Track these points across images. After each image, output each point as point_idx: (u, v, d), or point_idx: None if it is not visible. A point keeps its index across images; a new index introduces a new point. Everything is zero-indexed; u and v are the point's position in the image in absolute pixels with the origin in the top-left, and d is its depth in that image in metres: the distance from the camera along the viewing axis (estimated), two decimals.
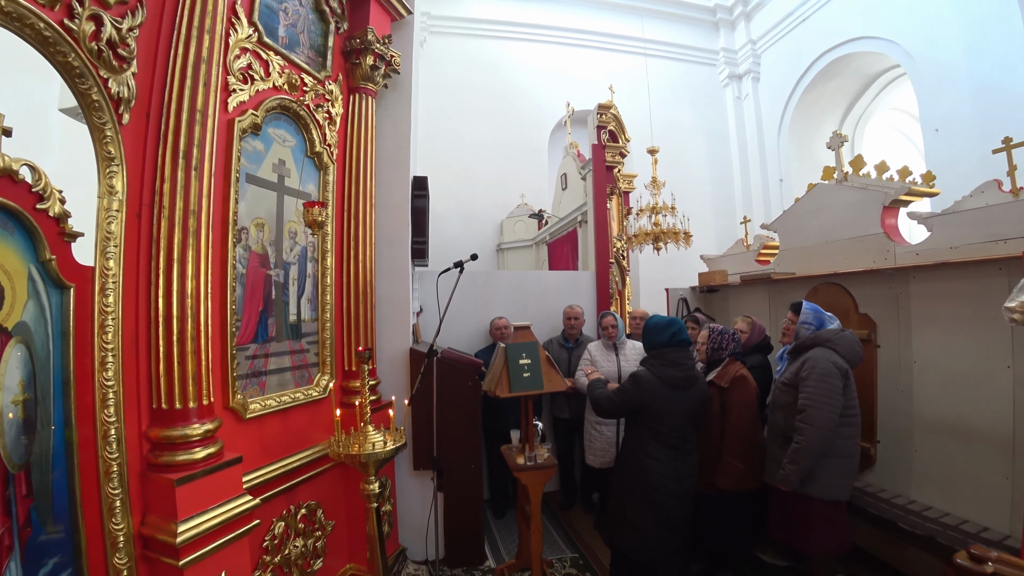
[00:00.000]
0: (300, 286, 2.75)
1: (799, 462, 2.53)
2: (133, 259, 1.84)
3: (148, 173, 1.92)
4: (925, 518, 2.88)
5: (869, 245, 3.45)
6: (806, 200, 4.06)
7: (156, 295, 1.87)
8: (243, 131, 2.37)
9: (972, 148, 5.51)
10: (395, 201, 3.43)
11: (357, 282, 3.05)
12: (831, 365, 2.57)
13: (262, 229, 2.50)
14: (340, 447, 2.32)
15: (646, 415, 2.57)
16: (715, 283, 4.93)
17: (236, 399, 2.26)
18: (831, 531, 2.60)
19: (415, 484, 3.48)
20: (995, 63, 5.64)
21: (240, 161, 2.35)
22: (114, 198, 1.77)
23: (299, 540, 2.61)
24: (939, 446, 3.03)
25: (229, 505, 1.95)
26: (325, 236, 2.92)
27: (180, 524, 1.76)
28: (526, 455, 3.04)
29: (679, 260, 7.31)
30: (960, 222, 2.95)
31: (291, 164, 2.72)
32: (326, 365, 2.89)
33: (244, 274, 2.36)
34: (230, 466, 1.99)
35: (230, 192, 2.27)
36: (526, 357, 2.98)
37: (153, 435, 1.85)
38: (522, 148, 8.83)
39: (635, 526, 2.54)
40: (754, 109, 9.65)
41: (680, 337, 2.66)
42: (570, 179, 6.58)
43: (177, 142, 1.95)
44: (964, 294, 2.91)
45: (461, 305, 4.29)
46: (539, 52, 9.04)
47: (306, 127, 2.81)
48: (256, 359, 2.43)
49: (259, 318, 2.45)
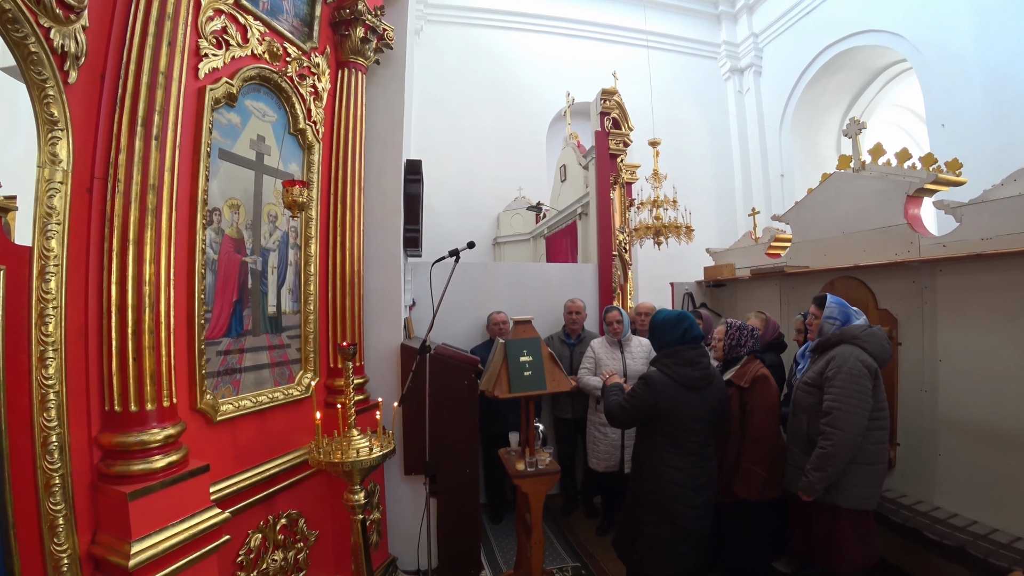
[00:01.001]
0: (280, 275, 2.50)
1: (825, 469, 2.32)
2: (81, 239, 1.60)
3: (102, 143, 1.68)
4: (952, 527, 2.68)
5: (892, 237, 3.25)
6: (821, 190, 3.86)
7: (109, 281, 1.63)
8: (216, 101, 2.13)
9: (983, 142, 5.35)
10: (386, 185, 3.18)
11: (344, 272, 2.81)
12: (860, 364, 2.36)
13: (237, 211, 2.25)
14: (321, 454, 2.10)
15: (662, 420, 2.34)
16: (723, 277, 4.72)
17: (205, 400, 2.02)
18: (860, 544, 2.40)
19: (406, 490, 3.25)
20: (1008, 52, 5.46)
21: (212, 134, 2.11)
22: (57, 168, 1.53)
23: (278, 553, 2.37)
24: (967, 450, 2.84)
25: (194, 520, 1.72)
26: (309, 221, 2.67)
27: (134, 544, 1.54)
28: (526, 460, 2.81)
29: (681, 256, 7.11)
30: (994, 211, 2.75)
31: (271, 141, 2.48)
32: (309, 362, 2.65)
33: (216, 260, 2.12)
34: (195, 476, 1.76)
35: (199, 168, 2.03)
36: (527, 354, 2.75)
37: (105, 442, 1.61)
38: (520, 140, 8.63)
39: (651, 542, 2.32)
40: (756, 103, 9.49)
41: (693, 333, 2.45)
42: (570, 170, 6.36)
43: (135, 107, 1.71)
44: (998, 288, 2.71)
45: (457, 298, 4.07)
46: (539, 42, 8.84)
47: (289, 101, 2.56)
48: (229, 355, 2.19)
49: (233, 309, 2.21)
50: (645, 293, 6.60)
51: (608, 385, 2.69)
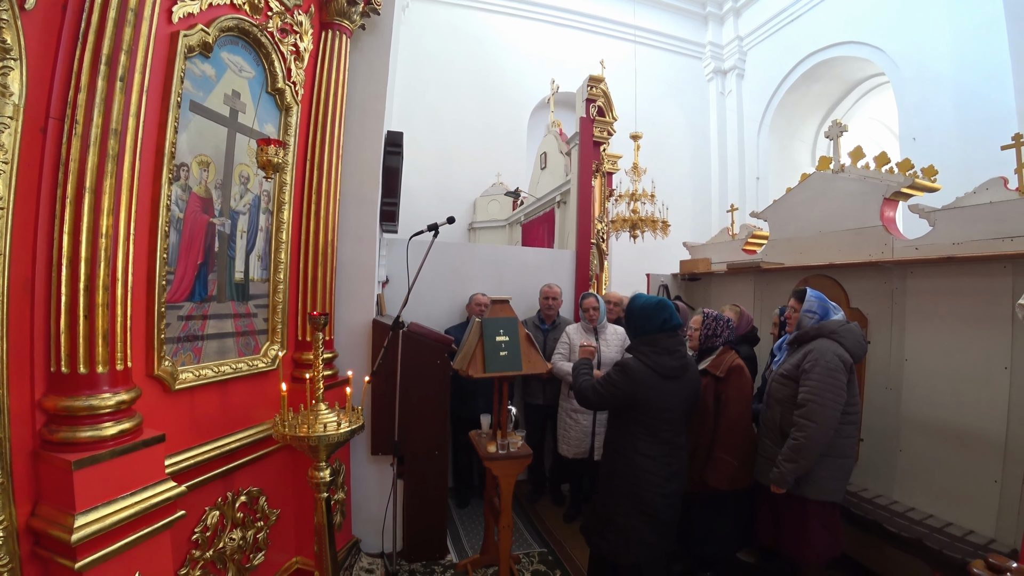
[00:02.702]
0: (250, 240, 2.37)
1: (797, 460, 2.35)
2: (32, 183, 1.46)
3: (60, 80, 1.53)
4: (911, 520, 2.77)
5: (867, 238, 3.30)
6: (800, 189, 3.90)
7: (60, 231, 1.49)
8: (189, 48, 1.98)
9: (951, 159, 5.50)
10: (366, 155, 3.05)
11: (317, 241, 2.69)
12: (836, 359, 2.39)
13: (207, 169, 2.11)
14: (286, 427, 1.99)
15: (636, 408, 2.31)
16: (699, 271, 4.76)
17: (163, 366, 1.89)
18: (826, 535, 2.44)
19: (372, 470, 3.16)
20: (982, 74, 5.65)
21: (184, 84, 1.96)
22: (7, 101, 1.38)
23: (236, 532, 2.26)
24: (926, 447, 2.92)
25: (146, 493, 1.60)
26: (283, 186, 2.54)
27: (79, 517, 1.42)
28: (498, 443, 2.77)
29: (654, 251, 7.18)
30: (966, 218, 2.82)
31: (247, 98, 2.33)
32: (276, 333, 2.53)
33: (181, 219, 1.98)
34: (149, 446, 1.64)
35: (168, 118, 1.88)
36: (504, 334, 2.69)
37: (49, 405, 1.48)
38: (501, 126, 8.53)
39: (620, 529, 2.30)
40: (736, 106, 9.61)
41: (673, 322, 2.41)
42: (550, 158, 6.30)
43: (100, 44, 1.56)
44: (965, 292, 2.79)
45: (432, 279, 3.99)
46: (526, 29, 8.73)
47: (268, 58, 2.42)
48: (191, 320, 2.06)
49: (197, 272, 2.07)
50: (617, 287, 6.64)
51: (578, 361, 2.62)
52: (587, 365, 2.58)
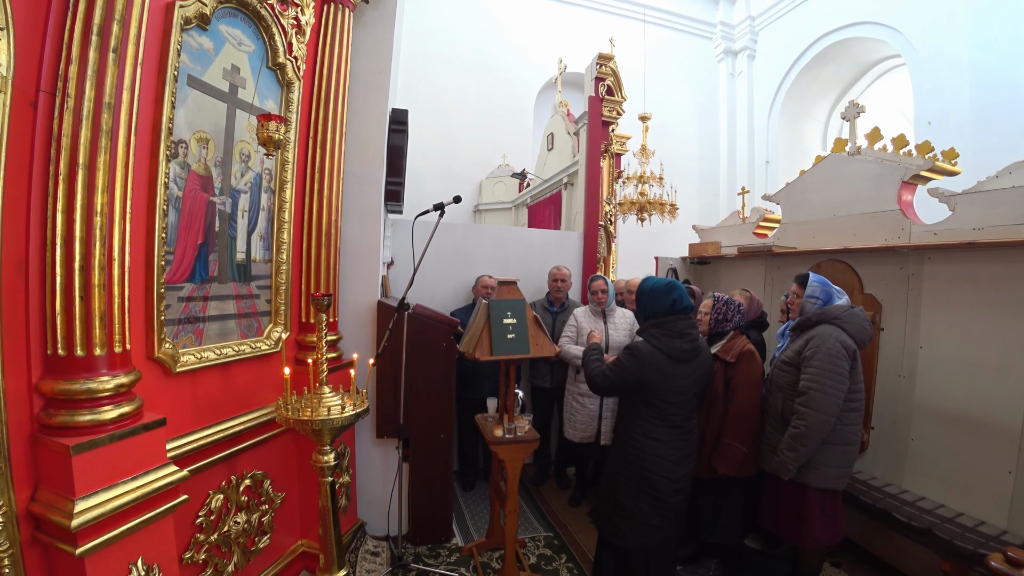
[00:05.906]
0: (252, 220, 2.31)
1: (798, 449, 2.31)
2: (23, 159, 1.40)
3: (51, 52, 1.46)
4: (920, 509, 2.73)
5: (884, 222, 3.22)
6: (815, 172, 3.80)
7: (54, 209, 1.43)
8: (186, 20, 1.90)
9: (967, 143, 5.35)
10: (369, 132, 2.98)
11: (320, 220, 2.63)
12: (839, 345, 2.33)
13: (206, 146, 2.05)
14: (290, 411, 1.96)
15: (647, 392, 2.26)
16: (708, 254, 4.68)
17: (163, 348, 1.85)
18: (826, 523, 2.41)
19: (377, 453, 3.14)
20: (999, 56, 5.48)
21: (180, 57, 1.89)
22: None
23: (241, 515, 2.25)
24: (938, 436, 2.88)
25: (148, 478, 1.57)
26: (285, 164, 2.47)
27: (78, 502, 1.38)
28: (505, 427, 2.74)
29: (661, 234, 7.08)
30: (988, 202, 2.73)
31: (247, 73, 2.25)
32: (279, 315, 2.48)
33: (180, 197, 1.92)
34: (150, 430, 1.60)
35: (164, 92, 1.81)
36: (511, 316, 2.63)
37: (46, 389, 1.44)
38: (507, 106, 8.38)
39: (628, 512, 2.27)
40: (747, 88, 9.41)
41: (683, 303, 2.35)
42: (557, 139, 6.19)
43: (91, 13, 1.48)
44: (984, 278, 2.71)
45: (437, 260, 3.93)
46: (532, 6, 8.51)
47: (268, 31, 2.34)
48: (192, 302, 2.01)
49: (198, 253, 2.02)
50: (624, 269, 6.58)
51: (588, 346, 2.59)
52: (597, 351, 2.54)
